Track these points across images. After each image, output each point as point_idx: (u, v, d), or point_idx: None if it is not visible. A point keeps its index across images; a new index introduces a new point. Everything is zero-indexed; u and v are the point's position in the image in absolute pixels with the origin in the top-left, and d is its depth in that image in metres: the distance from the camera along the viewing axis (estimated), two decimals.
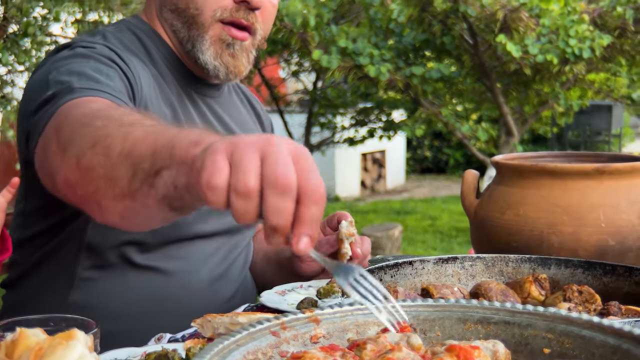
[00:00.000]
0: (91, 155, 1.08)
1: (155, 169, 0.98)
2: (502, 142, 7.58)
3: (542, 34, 6.45)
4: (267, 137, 0.85)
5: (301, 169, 0.83)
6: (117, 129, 1.08)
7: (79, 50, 1.44)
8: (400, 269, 1.33)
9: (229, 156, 0.84)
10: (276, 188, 0.81)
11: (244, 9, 1.54)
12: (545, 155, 1.61)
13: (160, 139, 0.99)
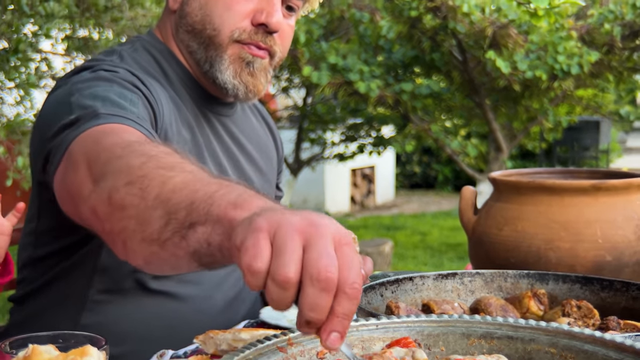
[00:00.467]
0: (125, 194, 1.05)
1: (190, 221, 0.94)
2: (491, 158, 7.62)
3: (530, 51, 6.51)
4: (312, 219, 0.81)
5: (343, 259, 0.79)
6: (156, 170, 1.04)
7: (101, 74, 1.42)
8: (401, 284, 1.34)
9: (271, 237, 0.79)
10: (318, 282, 0.77)
11: (262, 32, 1.53)
12: (542, 171, 1.63)
13: (200, 192, 0.95)
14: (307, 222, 0.80)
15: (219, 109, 1.66)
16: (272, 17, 1.51)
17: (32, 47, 4.62)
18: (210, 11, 1.52)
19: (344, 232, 0.83)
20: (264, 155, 1.80)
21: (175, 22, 1.60)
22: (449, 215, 10.29)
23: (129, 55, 1.56)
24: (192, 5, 1.55)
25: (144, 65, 1.56)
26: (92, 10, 4.84)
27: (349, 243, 0.82)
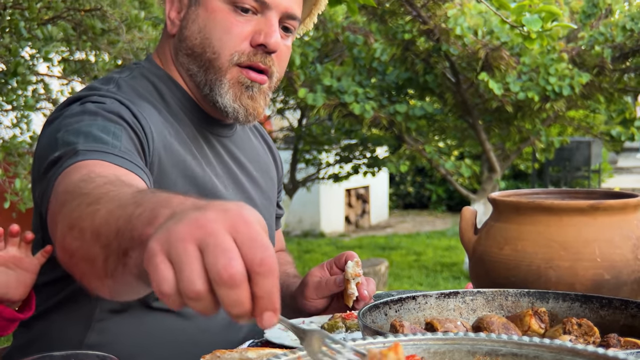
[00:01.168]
0: (70, 239, 1.07)
1: (122, 249, 0.94)
2: (485, 178, 7.67)
3: (522, 72, 6.59)
4: (198, 219, 0.78)
5: (243, 241, 0.77)
6: (86, 208, 1.05)
7: (88, 107, 1.43)
8: (404, 303, 1.37)
9: (168, 255, 0.78)
10: (224, 283, 0.75)
11: (261, 53, 1.55)
12: (540, 192, 1.66)
13: (121, 218, 0.95)
14: (194, 225, 0.78)
15: (218, 130, 1.68)
16: (270, 38, 1.53)
17: (30, 70, 4.65)
18: (210, 34, 1.54)
19: (238, 211, 0.79)
20: (265, 174, 1.83)
21: (175, 46, 1.61)
22: (443, 235, 10.32)
23: (125, 83, 1.57)
24: (191, 29, 1.56)
25: (141, 91, 1.58)
26: (89, 34, 4.87)
27: (247, 221, 0.78)
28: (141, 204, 0.95)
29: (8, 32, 4.34)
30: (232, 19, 1.53)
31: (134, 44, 4.78)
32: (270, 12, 1.55)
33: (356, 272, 1.57)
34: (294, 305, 1.71)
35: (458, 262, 8.27)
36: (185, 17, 1.58)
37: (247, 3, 1.53)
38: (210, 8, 1.54)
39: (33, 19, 4.35)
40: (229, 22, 1.53)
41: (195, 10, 1.56)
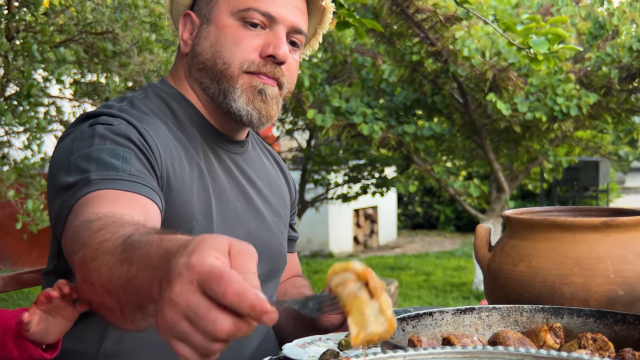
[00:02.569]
0: (85, 290, 1.15)
1: (135, 304, 1.00)
2: (493, 198, 7.69)
3: (530, 93, 6.63)
4: (171, 298, 0.86)
5: (212, 291, 0.84)
6: (90, 262, 1.11)
7: (98, 130, 1.49)
8: (421, 319, 1.39)
9: (174, 335, 0.88)
10: (226, 337, 0.85)
11: (271, 64, 1.62)
12: (553, 210, 1.69)
13: (122, 277, 1.01)
14: (172, 306, 0.86)
15: (229, 146, 1.73)
16: (279, 49, 1.60)
17: (42, 92, 4.71)
18: (220, 47, 1.62)
19: (198, 264, 0.85)
20: (276, 194, 1.86)
21: (188, 64, 1.69)
22: (452, 255, 10.32)
23: (138, 100, 1.64)
24: (203, 45, 1.65)
25: (152, 108, 1.64)
26: (100, 56, 4.93)
27: (207, 271, 0.84)
28: (132, 262, 1.01)
29: (21, 54, 4.40)
30: (242, 33, 1.62)
31: (145, 66, 4.84)
32: (278, 26, 1.63)
33: None
34: (310, 322, 1.73)
35: (467, 282, 8.27)
36: (197, 36, 1.67)
37: (256, 18, 1.61)
38: (220, 25, 1.63)
39: (46, 42, 4.41)
40: (239, 36, 1.61)
41: (206, 28, 1.65)
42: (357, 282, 0.96)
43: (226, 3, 1.64)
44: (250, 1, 1.62)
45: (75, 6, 4.68)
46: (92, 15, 4.71)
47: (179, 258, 0.88)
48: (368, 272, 0.96)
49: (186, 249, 0.88)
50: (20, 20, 4.44)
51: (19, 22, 4.42)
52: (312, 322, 1.73)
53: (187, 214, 1.57)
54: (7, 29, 4.36)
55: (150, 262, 0.96)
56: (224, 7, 1.64)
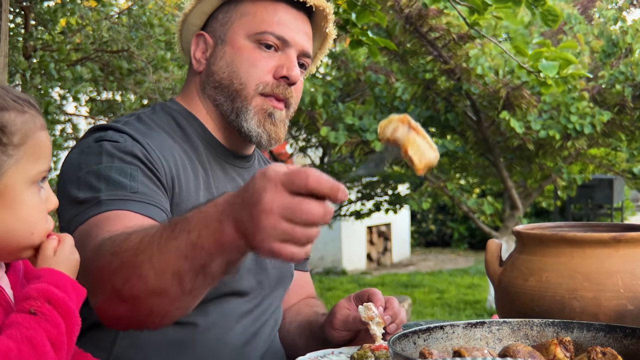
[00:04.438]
0: (129, 289, 1.24)
1: (198, 266, 1.19)
2: (507, 216, 7.68)
3: (543, 111, 6.63)
4: (261, 197, 1.09)
5: (296, 185, 1.08)
6: (135, 259, 1.23)
7: (105, 147, 1.57)
8: (432, 333, 1.41)
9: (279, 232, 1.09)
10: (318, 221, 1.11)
11: (283, 85, 1.72)
12: (563, 225, 1.70)
13: (182, 246, 1.19)
14: (274, 210, 1.08)
15: (235, 161, 1.81)
16: (292, 71, 1.71)
17: (59, 110, 4.77)
18: (237, 68, 1.71)
19: (274, 176, 1.09)
20: None
21: (202, 81, 1.77)
22: (466, 272, 10.29)
23: (146, 116, 1.72)
24: (219, 64, 1.73)
25: (159, 123, 1.72)
26: (116, 74, 4.99)
27: (283, 172, 1.09)
28: (190, 230, 1.19)
29: (38, 73, 4.45)
30: (257, 55, 1.71)
31: (160, 84, 4.89)
32: (290, 50, 1.73)
33: (369, 315, 1.60)
34: (322, 336, 1.76)
35: (481, 299, 8.25)
36: (212, 55, 1.75)
37: (271, 40, 1.71)
38: (236, 46, 1.72)
39: (62, 60, 4.47)
40: (254, 57, 1.71)
41: (222, 48, 1.74)
42: (404, 126, 1.28)
43: (242, 26, 1.72)
44: (266, 25, 1.71)
45: (91, 25, 4.75)
46: (108, 34, 4.77)
47: (254, 184, 1.10)
48: (406, 116, 1.30)
49: (255, 178, 1.11)
50: (37, 39, 4.51)
51: (37, 41, 4.49)
52: (324, 334, 1.75)
53: None
54: (24, 47, 4.42)
55: (213, 216, 1.16)
56: (239, 30, 1.72)
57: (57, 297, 1.09)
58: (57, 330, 1.07)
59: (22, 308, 1.08)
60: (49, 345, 1.05)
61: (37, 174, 1.12)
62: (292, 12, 1.75)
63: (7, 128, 1.08)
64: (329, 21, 1.84)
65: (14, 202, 1.09)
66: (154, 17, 4.85)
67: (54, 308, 1.08)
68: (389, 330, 1.66)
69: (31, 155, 1.11)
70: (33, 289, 1.09)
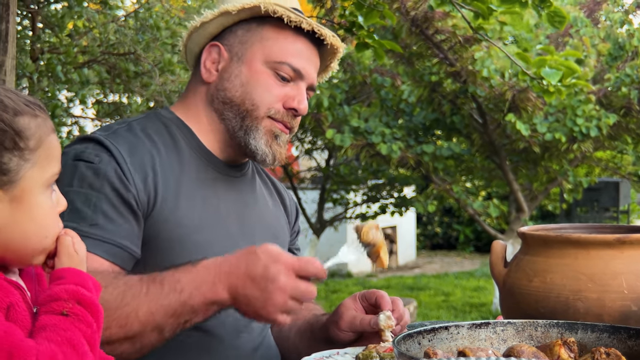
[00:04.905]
0: (108, 335, 1.39)
1: (182, 322, 1.44)
2: (512, 218, 7.67)
3: (549, 113, 6.63)
4: (275, 280, 1.42)
5: (295, 269, 1.45)
6: (117, 310, 1.41)
7: (79, 169, 1.60)
8: (437, 333, 1.41)
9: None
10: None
11: (291, 115, 1.78)
12: (567, 227, 1.71)
13: (171, 305, 1.43)
14: (278, 291, 1.43)
15: (227, 170, 1.82)
16: (302, 104, 1.76)
17: (66, 112, 4.79)
18: (251, 90, 1.74)
19: (285, 260, 1.44)
20: (273, 217, 1.93)
21: (210, 93, 1.78)
22: (472, 275, 10.28)
23: (137, 124, 1.74)
24: (234, 82, 1.75)
25: (149, 131, 1.73)
26: (122, 77, 5.01)
27: (283, 262, 1.44)
28: (182, 290, 1.44)
29: (46, 75, 4.47)
30: (272, 82, 1.75)
31: (167, 86, 4.91)
32: (302, 82, 1.77)
33: (389, 324, 1.63)
34: (324, 336, 1.76)
35: (487, 302, 8.24)
36: (226, 70, 1.77)
37: (287, 72, 1.75)
38: (253, 69, 1.75)
39: (69, 63, 4.49)
40: (270, 84, 1.74)
41: (238, 66, 1.76)
42: (377, 230, 1.61)
43: (261, 49, 1.75)
44: (285, 55, 1.75)
45: (98, 28, 4.77)
46: (114, 37, 4.79)
47: (266, 267, 1.42)
48: (378, 224, 1.65)
49: (263, 260, 1.43)
50: (44, 41, 4.53)
51: (44, 44, 4.51)
52: (327, 334, 1.75)
53: (177, 226, 1.66)
54: (32, 50, 4.45)
55: (205, 279, 1.44)
56: (258, 53, 1.75)
57: (85, 298, 1.10)
58: (90, 330, 1.08)
59: (53, 310, 1.08)
60: (86, 345, 1.07)
61: (50, 177, 1.13)
62: (309, 45, 1.78)
63: (23, 133, 1.08)
64: (336, 59, 1.89)
65: (31, 206, 1.10)
66: (160, 20, 4.87)
67: (84, 308, 1.09)
68: (394, 331, 1.67)
69: (45, 159, 1.12)
70: (62, 290, 1.10)
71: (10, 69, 2.94)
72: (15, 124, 1.08)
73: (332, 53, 1.86)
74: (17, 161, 1.08)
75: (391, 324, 1.63)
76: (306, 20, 1.74)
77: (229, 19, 1.76)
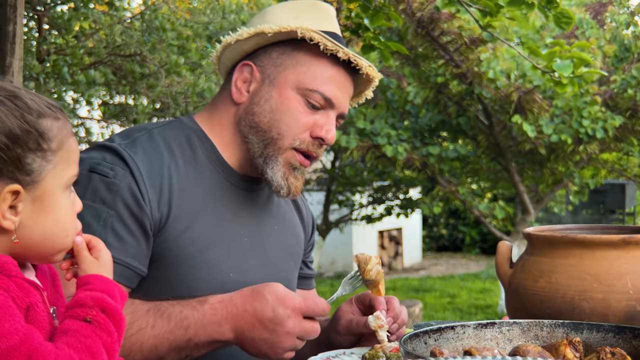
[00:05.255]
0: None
1: (186, 355, 1.50)
2: (518, 220, 7.67)
3: (555, 115, 6.63)
4: (283, 323, 1.49)
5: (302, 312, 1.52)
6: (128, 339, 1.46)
7: (93, 181, 1.57)
8: (443, 333, 1.42)
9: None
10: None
11: (317, 144, 1.71)
12: (573, 227, 1.71)
13: (177, 340, 1.48)
14: (284, 334, 1.50)
15: (244, 184, 1.79)
16: (329, 134, 1.70)
17: (72, 114, 4.80)
18: (279, 117, 1.69)
19: (294, 304, 1.51)
20: (289, 231, 1.91)
21: (238, 114, 1.74)
22: (478, 277, 10.27)
23: (158, 133, 1.71)
24: (263, 107, 1.71)
25: (169, 142, 1.70)
26: (128, 78, 5.03)
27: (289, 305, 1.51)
28: (188, 326, 1.49)
29: (52, 77, 4.49)
30: (302, 109, 1.69)
31: (173, 88, 4.92)
32: (332, 111, 1.72)
33: (378, 324, 1.63)
34: (325, 339, 1.76)
35: (492, 304, 8.23)
36: (256, 93, 1.72)
37: (318, 101, 1.69)
38: (284, 95, 1.70)
39: (76, 64, 4.50)
40: (299, 113, 1.69)
41: (268, 90, 1.71)
42: (378, 265, 1.69)
43: (294, 74, 1.70)
44: (317, 83, 1.69)
45: (104, 29, 4.79)
46: (120, 38, 4.81)
47: (274, 310, 1.49)
48: (377, 258, 1.71)
49: (269, 300, 1.49)
50: (51, 43, 4.55)
51: (50, 45, 4.53)
52: (327, 338, 1.76)
53: (189, 243, 1.64)
54: (38, 51, 4.47)
55: (211, 320, 1.50)
56: (291, 77, 1.70)
57: (110, 306, 1.12)
58: (111, 339, 1.10)
59: (77, 315, 1.10)
60: (105, 353, 1.08)
61: (70, 178, 1.15)
62: (344, 73, 1.73)
63: (46, 134, 1.10)
64: (371, 88, 1.83)
65: (52, 206, 1.12)
66: (166, 21, 4.89)
67: (107, 317, 1.11)
68: (391, 330, 1.68)
69: (66, 161, 1.14)
70: (88, 297, 1.12)
71: (18, 70, 2.96)
72: (39, 125, 1.10)
73: (367, 81, 1.80)
74: (40, 162, 1.10)
75: (381, 324, 1.64)
76: (342, 50, 1.68)
77: (264, 39, 1.71)
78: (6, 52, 2.88)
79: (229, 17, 5.54)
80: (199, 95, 4.93)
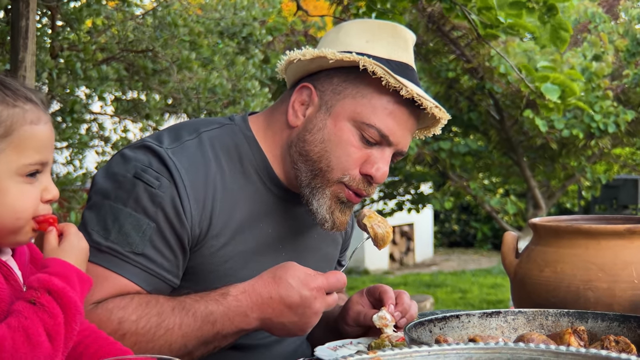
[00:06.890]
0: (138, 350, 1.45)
1: (210, 348, 1.54)
2: (530, 216, 7.65)
3: (567, 110, 6.61)
4: (311, 304, 1.54)
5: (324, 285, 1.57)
6: (154, 337, 1.49)
7: (138, 189, 1.55)
8: (448, 322, 1.43)
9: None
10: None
11: (367, 182, 1.65)
12: (578, 218, 1.72)
13: (204, 335, 1.52)
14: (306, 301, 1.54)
15: (289, 196, 1.74)
16: (379, 172, 1.63)
17: (85, 109, 4.84)
18: (331, 149, 1.62)
19: (318, 283, 1.56)
20: (329, 239, 1.88)
21: (292, 139, 1.68)
22: (489, 272, 10.26)
23: (208, 140, 1.66)
24: (315, 136, 1.64)
25: (217, 150, 1.66)
26: (141, 74, 5.05)
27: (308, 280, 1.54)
28: (215, 321, 1.52)
29: (65, 72, 4.52)
30: (355, 144, 1.62)
31: (184, 83, 4.94)
32: (389, 148, 1.64)
33: (383, 323, 1.64)
34: (336, 327, 1.78)
35: (504, 299, 8.22)
36: (311, 119, 1.66)
37: (373, 136, 1.62)
38: (338, 125, 1.63)
39: (88, 60, 4.53)
40: (352, 147, 1.62)
41: (324, 118, 1.64)
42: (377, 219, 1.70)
43: (353, 105, 1.63)
44: (375, 118, 1.61)
45: (117, 25, 4.81)
46: (133, 34, 4.84)
47: (299, 294, 1.51)
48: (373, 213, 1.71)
49: (293, 285, 1.51)
50: (64, 39, 4.58)
51: (63, 41, 4.56)
52: (337, 326, 1.78)
53: (224, 261, 1.63)
54: (51, 47, 4.50)
55: (238, 311, 1.51)
56: (349, 108, 1.63)
57: (57, 288, 1.13)
58: (54, 321, 1.10)
59: (25, 297, 1.12)
60: (44, 335, 1.09)
61: (22, 166, 1.16)
62: (406, 110, 1.64)
63: None
64: (438, 127, 1.76)
65: None
66: (178, 17, 4.91)
67: (53, 299, 1.12)
68: (400, 325, 1.69)
69: (17, 147, 1.15)
70: (35, 279, 1.14)
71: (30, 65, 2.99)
72: None
73: (435, 121, 1.73)
74: None
75: (386, 323, 1.64)
76: (406, 88, 1.58)
77: (327, 63, 1.63)
78: (19, 47, 2.91)
79: (240, 14, 5.55)
80: (210, 91, 4.94)
